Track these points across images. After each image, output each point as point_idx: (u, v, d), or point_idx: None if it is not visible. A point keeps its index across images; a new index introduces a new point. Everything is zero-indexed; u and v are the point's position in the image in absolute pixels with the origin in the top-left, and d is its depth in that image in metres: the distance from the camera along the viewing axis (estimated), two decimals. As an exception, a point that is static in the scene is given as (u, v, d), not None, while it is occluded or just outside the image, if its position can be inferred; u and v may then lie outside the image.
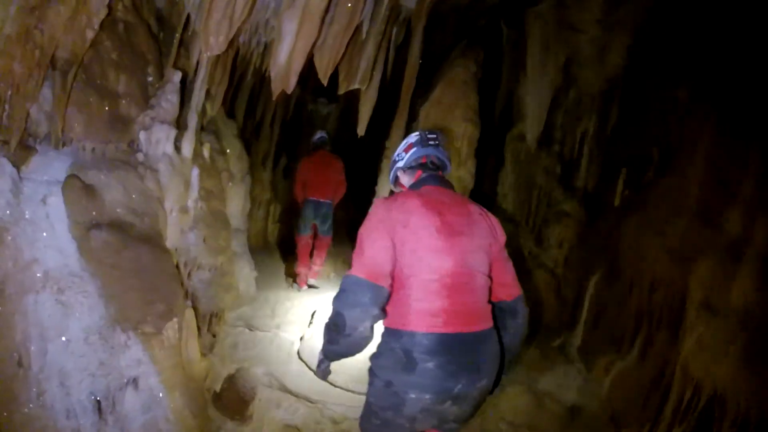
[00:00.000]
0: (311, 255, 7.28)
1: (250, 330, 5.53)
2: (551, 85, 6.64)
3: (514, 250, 7.22)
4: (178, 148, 4.54)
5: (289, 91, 4.32)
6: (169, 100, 4.43)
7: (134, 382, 3.35)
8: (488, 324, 2.14)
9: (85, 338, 3.30)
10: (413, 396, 1.98)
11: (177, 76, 4.50)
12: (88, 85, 4.15)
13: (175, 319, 3.67)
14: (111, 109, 4.30)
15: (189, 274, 4.83)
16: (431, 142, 2.41)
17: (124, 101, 4.40)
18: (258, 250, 8.57)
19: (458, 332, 2.02)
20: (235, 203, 6.10)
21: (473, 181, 5.40)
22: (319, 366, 2.30)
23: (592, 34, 6.69)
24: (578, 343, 5.91)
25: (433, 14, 6.07)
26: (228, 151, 5.74)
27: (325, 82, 4.70)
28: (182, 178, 4.49)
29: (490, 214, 2.34)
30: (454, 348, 2.01)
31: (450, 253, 2.07)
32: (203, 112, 5.18)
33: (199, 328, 4.47)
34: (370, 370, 2.15)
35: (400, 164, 2.45)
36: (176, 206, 4.47)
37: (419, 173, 2.37)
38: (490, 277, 2.20)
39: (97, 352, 3.29)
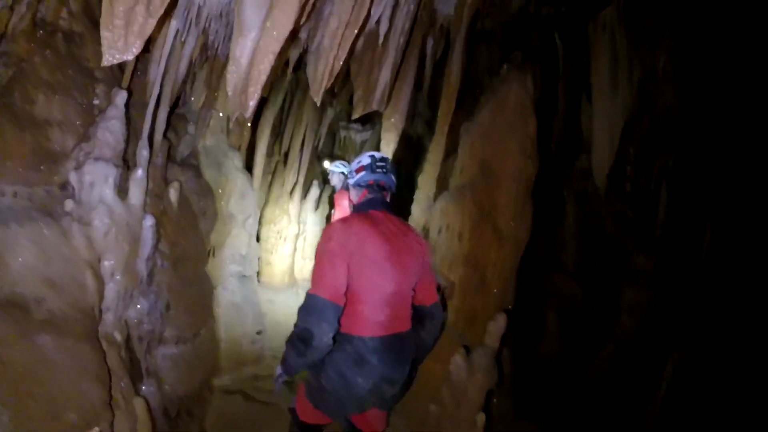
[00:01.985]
0: None
1: (247, 399, 4.22)
2: (623, 110, 4.91)
3: (574, 315, 5.59)
4: (125, 191, 3.05)
5: (246, 114, 2.73)
6: (109, 130, 2.99)
7: None
8: (410, 325, 2.40)
9: (-32, 459, 2.33)
10: (361, 381, 2.25)
11: (121, 98, 3.04)
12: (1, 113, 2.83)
13: (96, 429, 2.60)
14: (35, 141, 3.02)
15: (149, 351, 3.36)
16: (379, 170, 2.51)
17: (56, 132, 3.10)
18: (284, 289, 7.21)
19: (392, 334, 2.30)
20: (236, 249, 4.60)
21: (529, 234, 3.71)
22: (277, 380, 2.40)
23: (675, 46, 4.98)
24: (648, 438, 4.29)
25: (475, 27, 4.54)
26: (221, 190, 4.24)
27: (317, 99, 3.12)
28: (128, 232, 3.03)
29: (422, 239, 2.51)
30: (389, 346, 2.29)
31: (393, 278, 2.29)
32: (176, 143, 3.72)
33: (167, 412, 3.42)
34: (322, 363, 2.31)
35: (351, 181, 2.56)
36: (119, 268, 3.00)
37: (365, 192, 2.51)
38: (414, 288, 2.43)
39: (-20, 477, 2.31)
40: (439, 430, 3.00)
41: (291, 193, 7.53)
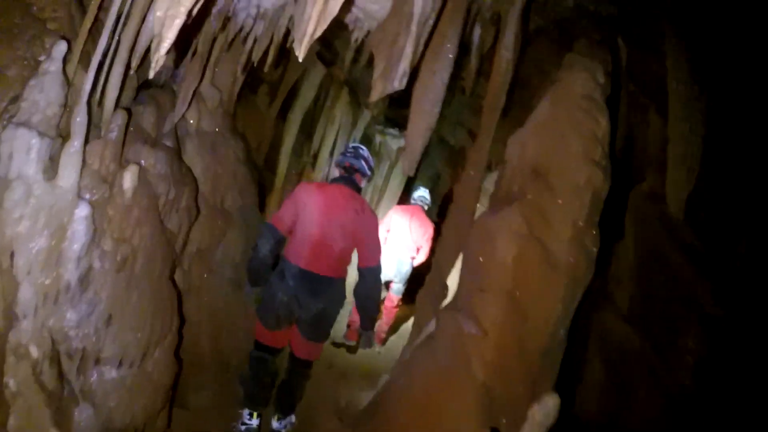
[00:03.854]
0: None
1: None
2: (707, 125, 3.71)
3: (623, 364, 4.35)
4: (56, 169, 2.11)
5: (149, 75, 1.74)
6: (40, 88, 2.10)
7: None
8: (333, 274, 2.92)
9: None
10: (279, 294, 2.84)
11: (59, 50, 2.12)
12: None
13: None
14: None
15: (82, 371, 2.41)
16: (349, 154, 3.10)
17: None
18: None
19: (309, 270, 2.84)
20: (230, 253, 3.63)
21: (592, 268, 2.59)
22: (247, 288, 3.07)
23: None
24: None
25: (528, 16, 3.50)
26: (214, 181, 3.27)
27: (300, 53, 2.03)
28: (51, 221, 2.09)
29: (368, 212, 2.98)
30: (304, 277, 2.83)
31: (319, 231, 2.84)
32: (155, 119, 2.75)
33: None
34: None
35: (334, 161, 3.58)
36: (37, 266, 2.07)
37: (342, 171, 3.07)
38: (352, 248, 2.97)
39: None
40: None
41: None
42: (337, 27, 3.94)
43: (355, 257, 3.06)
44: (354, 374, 4.56)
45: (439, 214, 8.28)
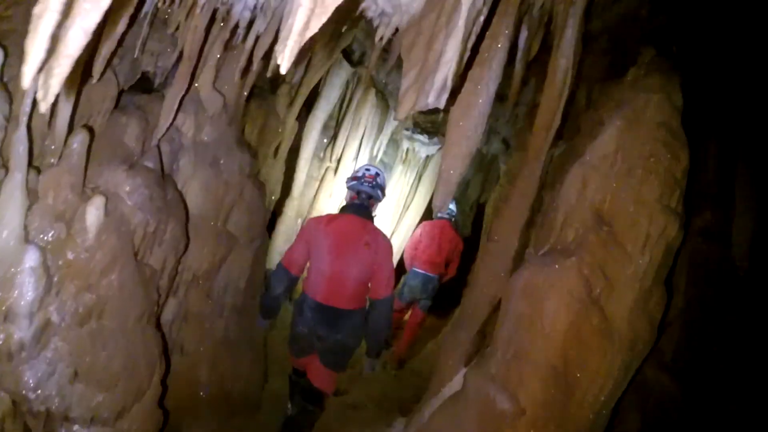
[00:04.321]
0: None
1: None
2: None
3: (663, 419, 3.73)
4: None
5: (43, 109, 1.17)
6: None
7: None
8: (351, 306, 2.83)
9: None
10: (299, 326, 2.86)
11: None
12: None
13: None
14: None
15: (50, 428, 1.96)
16: (366, 184, 2.93)
17: None
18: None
19: (326, 303, 2.78)
20: (231, 278, 3.16)
21: (654, 338, 2.04)
22: (259, 319, 3.10)
23: None
24: None
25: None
26: (214, 201, 2.78)
27: (284, 60, 1.23)
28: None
29: (380, 243, 2.82)
30: (321, 311, 2.79)
31: (331, 265, 2.77)
32: (140, 133, 2.23)
33: None
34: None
35: (347, 185, 3.03)
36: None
37: (354, 197, 2.95)
38: (369, 279, 2.84)
39: None
40: None
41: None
42: (360, 21, 3.40)
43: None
44: (366, 403, 4.06)
45: (472, 222, 7.74)
